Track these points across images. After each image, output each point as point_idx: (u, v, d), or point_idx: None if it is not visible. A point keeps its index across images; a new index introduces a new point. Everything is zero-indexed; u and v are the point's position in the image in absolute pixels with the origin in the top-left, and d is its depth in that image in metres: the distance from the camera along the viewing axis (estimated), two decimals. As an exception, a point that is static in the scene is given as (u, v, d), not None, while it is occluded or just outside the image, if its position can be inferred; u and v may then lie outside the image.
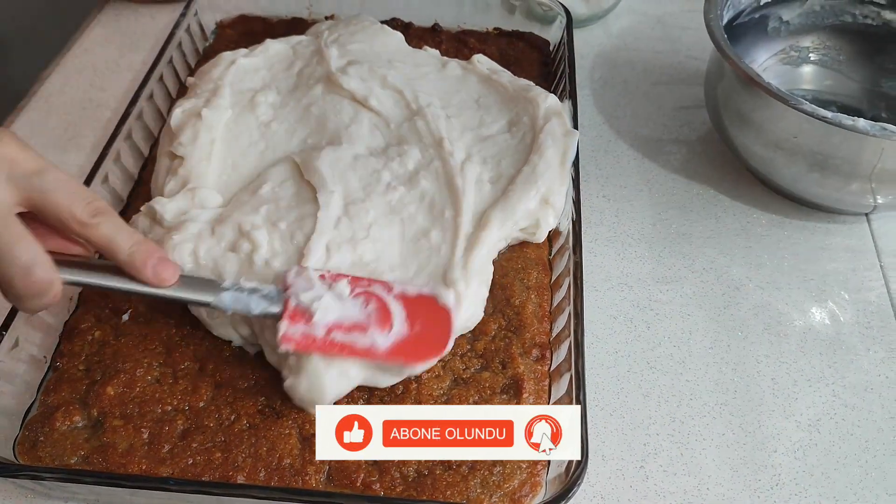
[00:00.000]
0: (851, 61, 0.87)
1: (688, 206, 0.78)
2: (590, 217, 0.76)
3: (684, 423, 0.61)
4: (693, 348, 0.66)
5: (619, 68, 0.93)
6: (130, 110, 0.74)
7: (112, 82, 0.88)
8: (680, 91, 0.90)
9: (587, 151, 0.82)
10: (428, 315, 0.57)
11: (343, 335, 0.55)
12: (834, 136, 0.66)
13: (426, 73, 0.78)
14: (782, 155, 0.71)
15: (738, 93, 0.73)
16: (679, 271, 0.72)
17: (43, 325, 0.60)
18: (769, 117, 0.70)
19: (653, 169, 0.81)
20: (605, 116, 0.87)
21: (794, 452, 0.60)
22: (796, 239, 0.75)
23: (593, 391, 0.62)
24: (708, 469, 0.59)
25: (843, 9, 0.85)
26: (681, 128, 0.86)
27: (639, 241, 0.74)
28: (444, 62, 0.79)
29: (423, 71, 0.78)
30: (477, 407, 0.57)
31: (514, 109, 0.74)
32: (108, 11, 0.99)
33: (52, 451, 0.54)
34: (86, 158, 0.79)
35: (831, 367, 0.65)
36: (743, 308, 0.69)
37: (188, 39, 0.85)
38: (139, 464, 0.53)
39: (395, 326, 0.56)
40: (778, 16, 0.86)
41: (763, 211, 0.77)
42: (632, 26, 0.99)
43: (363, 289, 0.58)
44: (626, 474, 0.58)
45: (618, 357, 0.65)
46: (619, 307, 0.69)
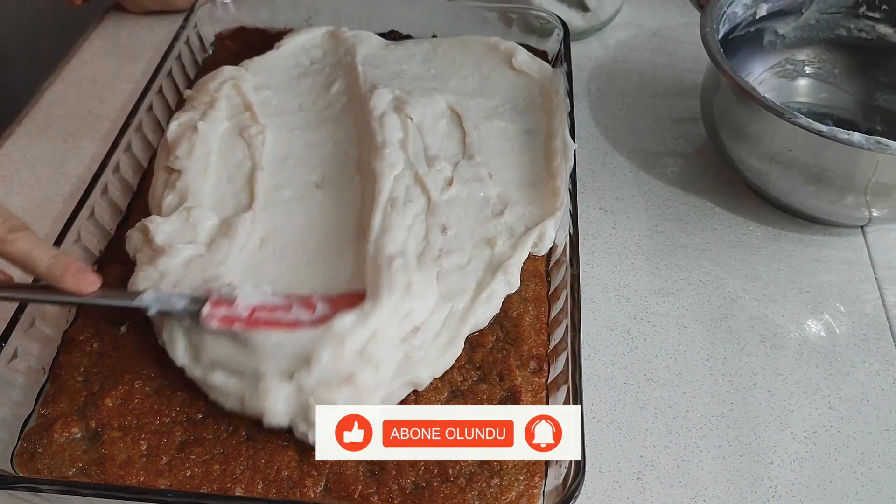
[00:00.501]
0: (846, 75, 0.88)
1: (684, 219, 0.78)
2: (587, 229, 0.76)
3: (681, 435, 0.61)
4: (690, 360, 0.66)
5: (616, 81, 0.94)
6: (130, 122, 0.74)
7: (111, 94, 0.88)
8: (676, 104, 0.91)
9: (584, 163, 0.82)
10: (350, 301, 0.59)
11: (267, 314, 0.57)
12: (829, 150, 0.67)
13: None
14: (778, 168, 0.71)
15: (733, 106, 0.73)
16: (676, 283, 0.72)
17: (41, 336, 0.60)
18: (765, 130, 0.70)
19: (649, 181, 0.82)
20: (602, 129, 0.88)
21: (790, 464, 0.60)
22: (792, 251, 0.75)
23: (590, 403, 0.63)
24: (705, 481, 0.59)
25: (838, 23, 0.86)
26: (677, 140, 0.86)
27: (636, 253, 0.75)
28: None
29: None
30: (477, 407, 0.57)
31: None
32: (108, 23, 0.99)
33: (51, 462, 0.54)
34: (85, 169, 0.79)
35: (827, 379, 0.66)
36: (739, 320, 0.70)
37: (187, 51, 0.86)
38: (137, 475, 0.53)
39: (317, 310, 0.58)
40: (773, 29, 0.86)
41: (759, 223, 0.78)
42: (629, 39, 1.00)
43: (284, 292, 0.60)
44: (623, 486, 0.58)
45: (615, 369, 0.66)
46: (617, 319, 0.69)
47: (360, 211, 0.68)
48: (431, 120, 0.74)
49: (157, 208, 0.67)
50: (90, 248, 0.67)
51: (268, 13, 0.91)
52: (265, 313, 0.57)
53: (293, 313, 0.57)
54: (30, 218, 0.73)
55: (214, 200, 0.68)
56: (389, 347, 0.56)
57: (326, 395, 0.54)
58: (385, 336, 0.56)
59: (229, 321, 0.56)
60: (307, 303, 0.59)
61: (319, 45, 0.86)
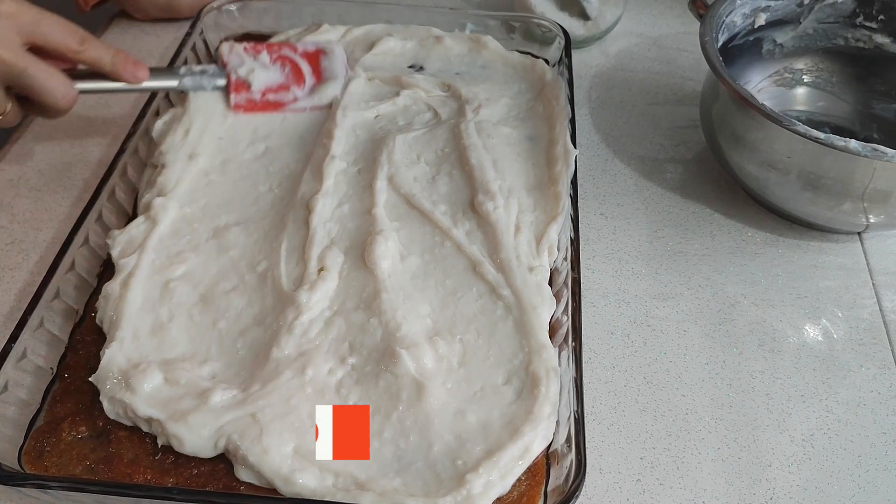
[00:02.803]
0: (844, 83, 0.89)
1: (684, 224, 0.79)
2: (588, 234, 0.77)
3: (680, 438, 0.62)
4: (689, 364, 0.67)
5: (616, 89, 0.95)
6: (136, 127, 0.75)
7: (118, 99, 0.89)
8: (676, 111, 0.92)
9: (585, 170, 0.83)
10: (324, 60, 0.82)
11: (274, 95, 0.79)
12: (826, 157, 0.68)
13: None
14: (776, 174, 0.72)
15: (732, 114, 0.74)
16: (675, 288, 0.73)
17: (49, 337, 0.61)
18: (763, 138, 0.71)
19: (649, 187, 0.83)
20: (602, 136, 0.89)
21: (788, 467, 0.61)
22: (790, 257, 0.76)
23: (591, 405, 0.63)
24: (704, 483, 0.60)
25: (835, 32, 0.87)
26: (677, 147, 0.87)
27: (636, 258, 0.76)
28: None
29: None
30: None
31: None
32: (115, 29, 1.00)
33: (58, 461, 0.55)
34: (91, 173, 0.80)
35: (825, 383, 0.66)
36: (738, 324, 0.70)
37: (193, 58, 0.87)
38: (144, 474, 0.54)
39: (306, 80, 0.80)
40: (772, 38, 0.87)
41: (757, 229, 0.79)
42: (629, 48, 1.01)
43: (277, 54, 0.80)
44: (623, 487, 0.59)
45: (615, 372, 0.66)
46: (617, 323, 0.70)
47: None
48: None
49: (141, 207, 0.70)
50: (97, 251, 0.67)
51: (273, 20, 0.92)
52: (273, 94, 0.79)
53: (292, 92, 0.79)
54: (38, 221, 0.75)
55: (189, 194, 0.71)
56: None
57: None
58: None
59: (251, 108, 0.78)
60: (296, 69, 0.80)
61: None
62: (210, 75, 0.78)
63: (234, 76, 0.78)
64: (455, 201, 0.70)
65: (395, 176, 0.72)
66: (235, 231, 0.68)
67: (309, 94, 0.80)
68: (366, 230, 0.67)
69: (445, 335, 0.61)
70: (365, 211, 0.69)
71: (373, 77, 0.83)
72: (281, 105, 0.79)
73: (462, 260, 0.66)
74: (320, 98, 0.80)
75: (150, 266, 0.64)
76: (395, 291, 0.63)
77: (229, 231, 0.68)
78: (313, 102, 0.80)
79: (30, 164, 0.81)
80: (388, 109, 0.80)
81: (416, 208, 0.70)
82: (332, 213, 0.69)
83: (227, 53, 0.79)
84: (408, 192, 0.71)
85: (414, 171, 0.73)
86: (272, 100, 0.79)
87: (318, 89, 0.80)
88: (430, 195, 0.71)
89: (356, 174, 0.73)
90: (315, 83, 0.80)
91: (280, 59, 0.80)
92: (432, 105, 0.81)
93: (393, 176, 0.72)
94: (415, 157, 0.75)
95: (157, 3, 0.98)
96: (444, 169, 0.73)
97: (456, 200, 0.71)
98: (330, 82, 0.80)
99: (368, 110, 0.80)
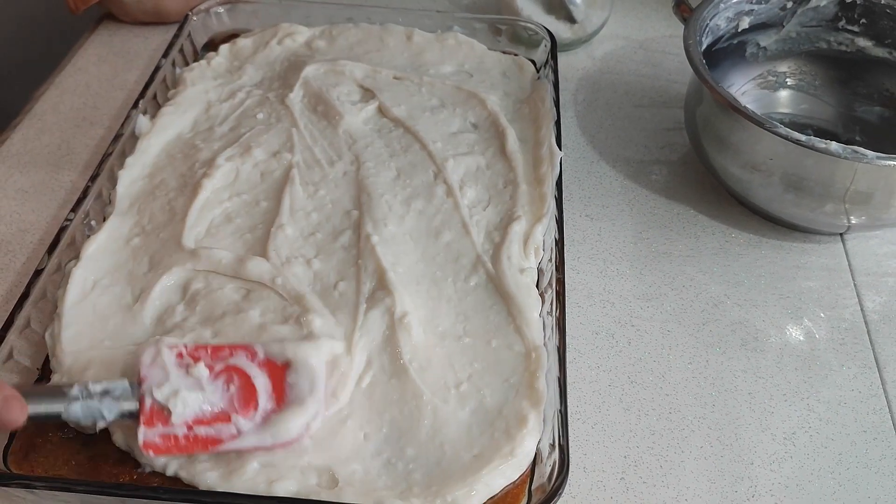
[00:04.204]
0: (827, 86, 0.90)
1: (668, 226, 0.80)
2: (573, 235, 0.77)
3: (664, 436, 0.63)
4: (673, 363, 0.68)
5: (602, 91, 0.96)
6: (124, 128, 0.76)
7: (106, 100, 0.89)
8: (661, 113, 0.92)
9: (570, 172, 0.84)
10: (291, 375, 0.56)
11: (206, 429, 0.53)
12: (808, 159, 0.68)
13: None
14: (759, 176, 0.73)
15: (716, 116, 0.75)
16: (659, 289, 0.74)
17: (36, 338, 0.61)
18: (746, 140, 0.72)
19: (634, 189, 0.83)
20: (588, 138, 0.89)
21: (770, 465, 0.61)
22: (773, 258, 0.77)
23: (575, 404, 0.64)
24: (687, 480, 0.60)
25: (818, 36, 0.88)
26: (662, 149, 0.88)
27: (620, 259, 0.76)
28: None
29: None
30: None
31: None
32: (103, 31, 1.00)
33: (45, 460, 0.55)
34: (79, 176, 0.80)
35: (806, 382, 0.67)
36: (721, 325, 0.71)
37: (181, 59, 0.87)
38: (131, 474, 0.54)
39: (260, 404, 0.55)
40: (756, 42, 0.88)
41: (741, 230, 0.79)
42: (615, 51, 1.02)
43: (223, 364, 0.55)
44: (606, 486, 0.60)
45: (599, 372, 0.67)
46: (601, 323, 0.71)
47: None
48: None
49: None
50: (84, 252, 0.67)
51: (260, 22, 0.92)
52: (204, 428, 0.53)
53: (234, 423, 0.53)
54: (24, 224, 0.75)
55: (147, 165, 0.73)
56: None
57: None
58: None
59: (167, 449, 0.53)
60: (247, 386, 0.55)
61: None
62: (115, 398, 0.53)
63: (150, 400, 0.53)
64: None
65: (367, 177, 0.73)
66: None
67: (260, 428, 0.54)
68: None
69: (432, 329, 0.62)
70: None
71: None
72: (215, 443, 0.53)
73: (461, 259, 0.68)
74: (275, 434, 0.54)
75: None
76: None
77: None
78: (263, 441, 0.54)
79: (16, 166, 0.81)
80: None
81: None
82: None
83: (148, 363, 0.55)
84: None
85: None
86: (203, 435, 0.53)
87: (275, 421, 0.54)
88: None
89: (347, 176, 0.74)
90: (272, 409, 0.55)
91: (226, 372, 0.55)
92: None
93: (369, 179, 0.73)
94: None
95: (144, 8, 0.98)
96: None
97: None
98: (293, 409, 0.54)
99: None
